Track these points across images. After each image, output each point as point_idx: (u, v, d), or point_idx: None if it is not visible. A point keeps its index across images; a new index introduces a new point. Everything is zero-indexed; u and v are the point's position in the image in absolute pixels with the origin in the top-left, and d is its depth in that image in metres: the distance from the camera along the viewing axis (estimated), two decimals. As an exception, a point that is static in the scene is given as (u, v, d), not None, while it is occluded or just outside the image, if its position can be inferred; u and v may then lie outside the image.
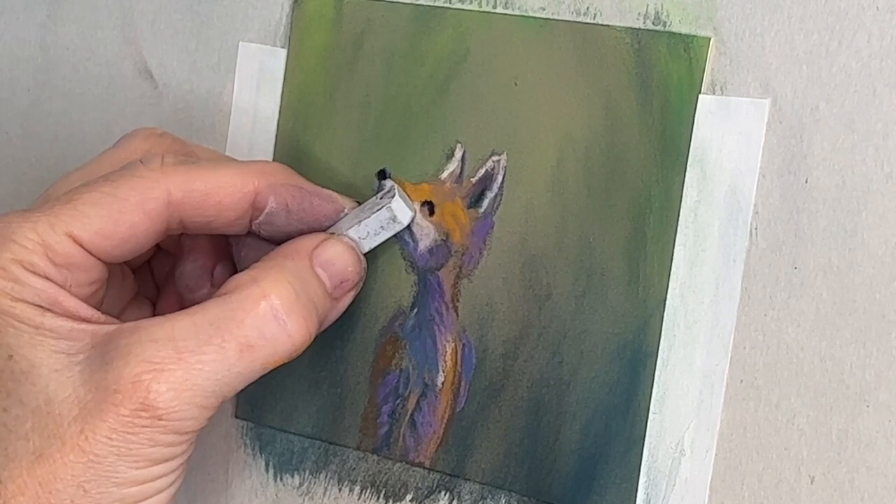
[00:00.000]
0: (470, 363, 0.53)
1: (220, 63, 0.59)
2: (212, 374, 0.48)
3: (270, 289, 0.49)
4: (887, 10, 0.46)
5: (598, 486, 0.50)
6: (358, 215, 0.53)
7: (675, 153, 0.49)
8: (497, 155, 0.52)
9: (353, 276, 0.52)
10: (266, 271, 0.50)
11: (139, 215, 0.51)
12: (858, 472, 0.46)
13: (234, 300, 0.49)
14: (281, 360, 0.50)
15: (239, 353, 0.49)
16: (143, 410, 0.48)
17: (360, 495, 0.55)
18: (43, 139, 0.64)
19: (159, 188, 0.51)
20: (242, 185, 0.52)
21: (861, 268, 0.46)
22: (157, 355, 0.48)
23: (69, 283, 0.50)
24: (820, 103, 0.47)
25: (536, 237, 0.51)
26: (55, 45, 0.64)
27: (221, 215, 0.52)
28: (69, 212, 0.50)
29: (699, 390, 0.49)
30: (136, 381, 0.48)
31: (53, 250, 0.49)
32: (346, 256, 0.52)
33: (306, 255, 0.51)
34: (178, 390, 0.48)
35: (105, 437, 0.48)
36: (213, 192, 0.51)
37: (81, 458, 0.48)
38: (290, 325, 0.49)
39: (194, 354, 0.48)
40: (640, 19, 0.50)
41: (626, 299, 0.50)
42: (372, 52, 0.55)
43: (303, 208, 0.53)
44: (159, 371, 0.48)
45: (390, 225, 0.53)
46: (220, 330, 0.49)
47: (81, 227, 0.50)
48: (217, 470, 0.59)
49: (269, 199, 0.52)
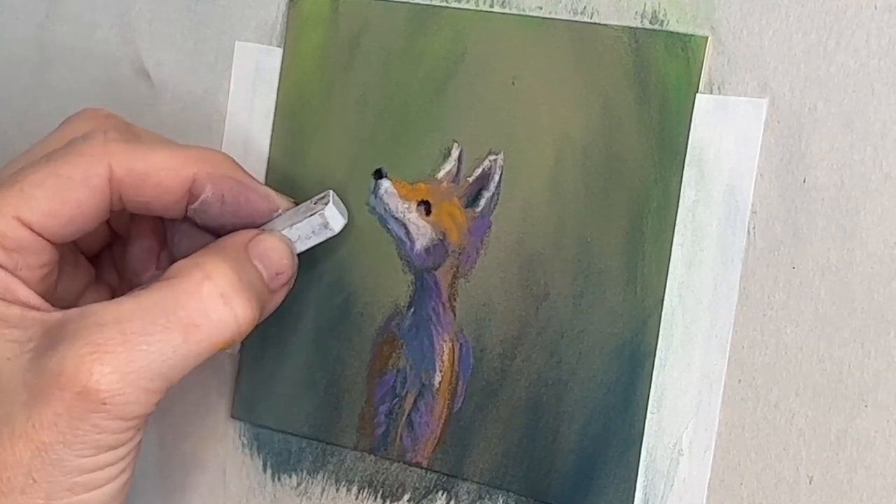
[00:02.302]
0: (467, 363, 0.53)
1: (217, 62, 0.59)
2: (157, 356, 0.48)
3: (213, 271, 0.50)
4: (885, 9, 0.46)
5: (596, 485, 0.50)
6: (291, 217, 0.53)
7: (672, 152, 0.49)
8: (494, 154, 0.52)
9: (287, 270, 0.53)
10: (207, 257, 0.50)
11: (84, 192, 0.51)
12: (857, 472, 0.46)
13: (178, 283, 0.49)
14: (225, 342, 0.50)
15: (185, 335, 0.49)
16: (86, 394, 0.47)
17: (357, 495, 0.55)
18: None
19: (102, 164, 0.51)
20: (182, 168, 0.52)
21: (860, 267, 0.46)
22: (101, 337, 0.48)
23: (20, 268, 0.50)
24: (818, 103, 0.47)
25: (534, 237, 0.51)
26: (53, 44, 0.64)
27: (159, 197, 0.52)
28: (15, 194, 0.50)
29: (697, 390, 0.49)
30: (79, 363, 0.48)
31: (3, 235, 0.49)
32: (280, 249, 0.52)
33: (242, 247, 0.52)
34: (122, 373, 0.48)
35: (50, 423, 0.48)
36: (153, 172, 0.51)
37: (29, 446, 0.48)
38: (235, 305, 0.50)
39: (139, 336, 0.48)
40: (637, 18, 0.50)
41: (624, 299, 0.50)
42: (368, 51, 0.55)
43: (238, 201, 0.53)
44: (103, 353, 0.48)
45: (321, 231, 0.53)
46: (165, 311, 0.49)
47: (28, 209, 0.50)
48: (214, 470, 0.59)
49: (206, 187, 0.52)
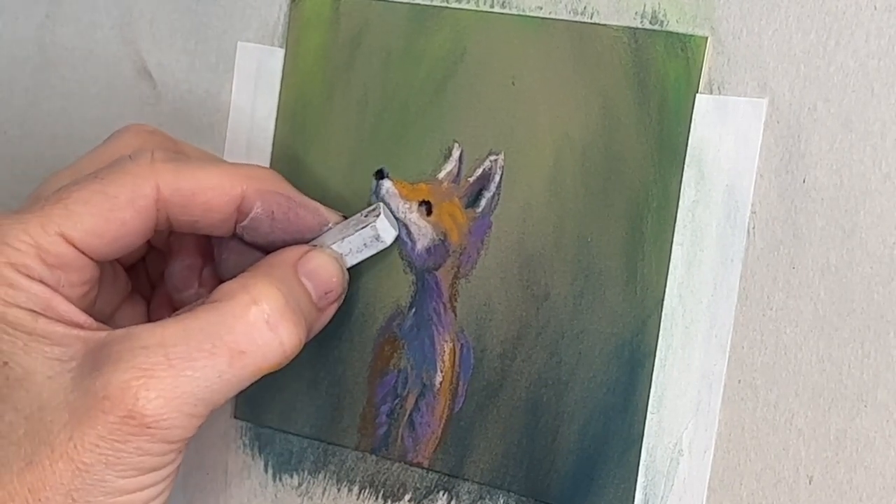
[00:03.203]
0: (468, 363, 0.53)
1: (219, 63, 0.59)
2: (202, 382, 0.48)
3: (260, 295, 0.49)
4: (885, 9, 0.46)
5: (596, 486, 0.50)
6: (342, 231, 0.53)
7: (672, 153, 0.49)
8: (494, 154, 0.52)
9: (337, 287, 0.52)
10: (254, 278, 0.50)
11: (130, 212, 0.50)
12: (857, 472, 0.46)
13: (224, 307, 0.49)
14: (271, 367, 0.49)
15: (230, 360, 0.48)
16: (130, 418, 0.47)
17: (358, 495, 0.55)
18: (41, 139, 0.64)
19: (149, 184, 0.50)
20: (230, 187, 0.51)
21: (859, 267, 0.46)
22: (147, 362, 0.47)
23: (62, 284, 0.50)
24: (818, 103, 0.47)
25: (534, 237, 0.51)
26: (54, 44, 0.64)
27: (207, 216, 0.51)
28: (60, 211, 0.50)
29: (697, 390, 0.49)
30: (124, 387, 0.47)
31: (46, 251, 0.49)
32: (331, 267, 0.52)
33: (291, 265, 0.51)
34: (167, 398, 0.47)
35: (93, 445, 0.47)
36: (200, 191, 0.51)
37: (70, 466, 0.47)
38: (282, 331, 0.49)
39: (185, 361, 0.48)
40: (637, 18, 0.50)
41: (623, 299, 0.50)
42: (369, 51, 0.55)
43: (287, 217, 0.52)
44: (149, 378, 0.47)
45: (373, 243, 0.53)
46: (210, 336, 0.48)
47: (73, 226, 0.49)
48: (216, 470, 0.59)
49: (256, 205, 0.52)
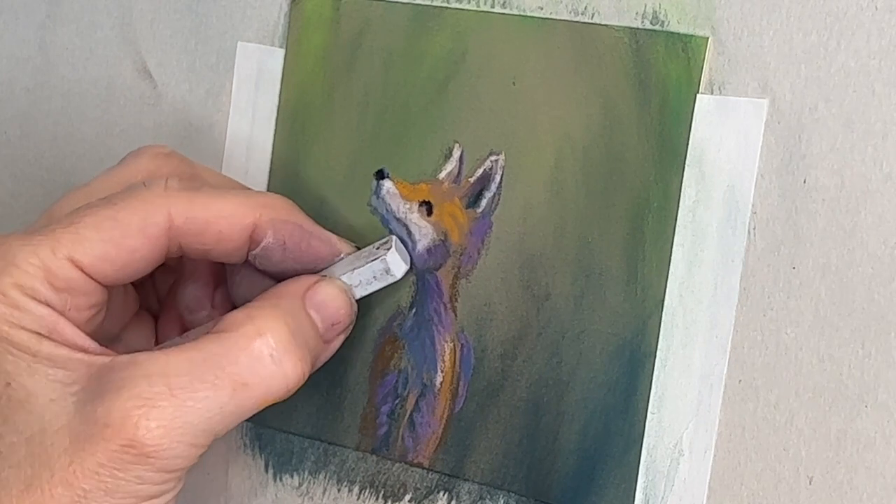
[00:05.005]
0: (468, 363, 0.53)
1: (219, 63, 0.59)
2: (204, 413, 0.48)
3: (266, 327, 0.49)
4: (886, 9, 0.46)
5: (596, 486, 0.50)
6: (353, 262, 0.52)
7: (673, 153, 0.49)
8: (495, 155, 0.52)
9: (345, 319, 0.52)
10: (261, 310, 0.50)
11: (140, 240, 0.50)
12: (857, 473, 0.46)
13: (229, 338, 0.49)
14: (274, 399, 0.49)
15: (232, 392, 0.48)
16: (131, 447, 0.47)
17: (359, 495, 0.55)
18: (42, 139, 0.64)
19: (161, 213, 0.50)
20: (243, 216, 0.51)
21: (860, 268, 0.46)
22: (149, 391, 0.47)
23: (68, 308, 0.49)
24: (819, 103, 0.47)
25: (535, 237, 0.51)
26: (54, 45, 0.64)
27: (219, 245, 0.51)
28: (70, 235, 0.49)
29: (698, 390, 0.49)
30: (126, 416, 0.47)
31: (54, 275, 0.49)
32: (339, 299, 0.52)
33: (299, 296, 0.51)
34: (168, 428, 0.47)
35: (93, 472, 0.47)
36: (213, 221, 0.51)
37: (68, 492, 0.47)
38: (286, 364, 0.49)
39: (187, 392, 0.47)
40: (638, 19, 0.50)
41: (624, 299, 0.50)
42: (370, 51, 0.55)
43: (300, 247, 0.52)
44: (150, 407, 0.47)
45: (383, 276, 0.52)
46: (214, 367, 0.48)
47: (83, 251, 0.49)
48: (216, 470, 0.59)
49: (268, 234, 0.52)
